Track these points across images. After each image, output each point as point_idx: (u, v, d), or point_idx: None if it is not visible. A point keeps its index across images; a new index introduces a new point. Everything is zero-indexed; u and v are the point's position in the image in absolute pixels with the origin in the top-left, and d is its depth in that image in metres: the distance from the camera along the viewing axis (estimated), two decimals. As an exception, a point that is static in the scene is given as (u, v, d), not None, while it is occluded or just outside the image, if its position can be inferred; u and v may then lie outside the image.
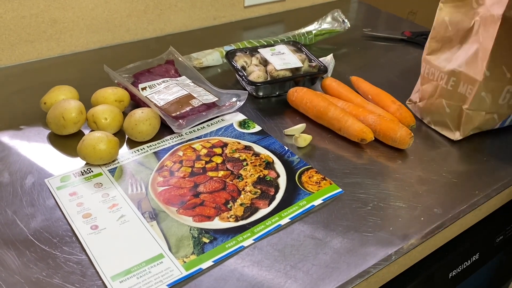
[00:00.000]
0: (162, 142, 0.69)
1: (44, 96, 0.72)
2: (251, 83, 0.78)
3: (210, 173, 0.63)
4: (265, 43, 0.93)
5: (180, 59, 0.83)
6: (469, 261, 0.70)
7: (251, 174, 0.63)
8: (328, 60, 0.87)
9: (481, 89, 0.65)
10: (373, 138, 0.69)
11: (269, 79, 0.80)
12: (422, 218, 0.58)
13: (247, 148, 0.69)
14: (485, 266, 0.74)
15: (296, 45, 0.88)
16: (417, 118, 0.77)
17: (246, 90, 0.81)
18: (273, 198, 0.60)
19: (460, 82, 0.67)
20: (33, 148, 0.67)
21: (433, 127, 0.74)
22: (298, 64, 0.82)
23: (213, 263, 0.51)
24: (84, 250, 0.52)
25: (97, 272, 0.49)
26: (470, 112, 0.68)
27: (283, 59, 0.83)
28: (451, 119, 0.71)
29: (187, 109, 0.72)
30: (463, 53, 0.67)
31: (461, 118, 0.69)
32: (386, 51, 1.01)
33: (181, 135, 0.71)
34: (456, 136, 0.71)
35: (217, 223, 0.56)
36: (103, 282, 0.48)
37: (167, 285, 0.48)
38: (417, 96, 0.76)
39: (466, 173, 0.66)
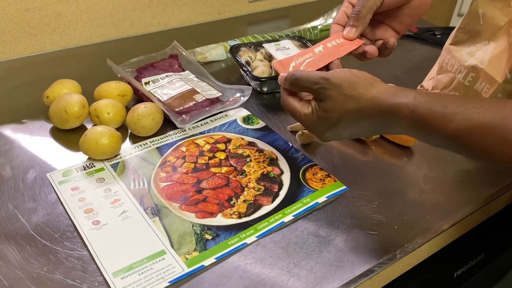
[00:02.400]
0: (165, 137, 0.68)
1: (46, 90, 0.71)
2: (256, 78, 0.77)
3: (213, 169, 0.63)
4: (270, 38, 0.92)
5: (184, 53, 0.82)
6: (474, 260, 0.69)
7: (255, 171, 0.63)
8: (334, 55, 0.86)
9: (499, 91, 0.63)
10: (379, 135, 0.68)
11: (273, 74, 0.79)
12: (427, 217, 0.57)
13: (250, 144, 0.68)
14: (491, 265, 0.73)
15: (302, 40, 0.87)
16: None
17: (250, 85, 0.80)
18: (276, 195, 0.59)
19: (479, 79, 0.65)
20: (35, 142, 0.66)
21: None
22: (303, 59, 0.81)
23: (215, 260, 0.50)
24: (86, 246, 0.51)
25: (98, 268, 0.49)
26: None
27: (288, 54, 0.82)
28: None
29: (191, 104, 0.71)
30: (489, 50, 0.64)
31: None
32: (392, 47, 1.00)
33: (184, 130, 0.70)
34: None
35: (220, 220, 0.55)
36: (104, 278, 0.48)
37: (169, 282, 0.48)
38: (430, 84, 0.75)
39: (473, 171, 0.65)
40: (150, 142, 0.67)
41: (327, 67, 0.58)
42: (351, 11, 0.61)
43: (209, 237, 0.53)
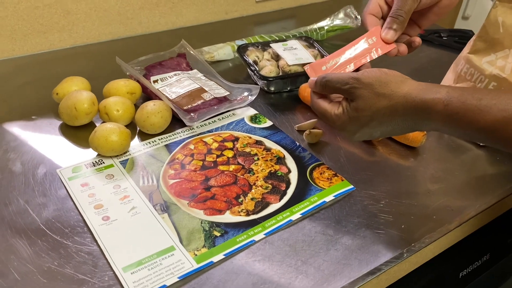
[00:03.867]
0: (173, 135, 0.69)
1: (56, 87, 0.72)
2: (263, 77, 0.78)
3: (221, 167, 0.63)
4: (277, 38, 0.93)
5: (191, 52, 0.83)
6: (480, 261, 0.69)
7: (262, 169, 0.63)
8: (341, 56, 0.86)
9: None
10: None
11: (281, 74, 0.79)
12: (434, 217, 0.57)
13: (258, 142, 0.68)
14: (496, 266, 0.73)
15: (309, 41, 0.88)
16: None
17: (257, 84, 0.81)
18: (284, 193, 0.60)
19: (501, 88, 0.64)
20: (45, 139, 0.67)
21: None
22: (310, 59, 0.81)
23: (224, 256, 0.51)
24: (96, 241, 0.52)
25: (109, 263, 0.49)
26: None
27: (295, 54, 0.82)
28: None
29: (199, 102, 0.72)
30: (510, 58, 0.64)
31: None
32: (399, 48, 1.00)
33: (193, 128, 0.70)
34: None
35: (228, 217, 0.56)
36: (114, 273, 0.48)
37: (178, 278, 0.48)
38: None
39: (480, 172, 0.65)
40: (159, 139, 0.68)
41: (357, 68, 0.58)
42: (383, 3, 0.60)
43: (218, 234, 0.53)
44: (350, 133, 0.53)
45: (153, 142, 0.67)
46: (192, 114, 0.69)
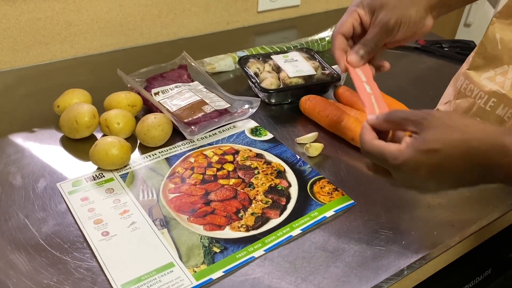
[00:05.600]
0: (173, 148, 0.69)
1: (57, 99, 0.72)
2: (264, 90, 0.78)
3: (221, 181, 0.63)
4: (278, 49, 0.93)
5: (193, 64, 0.83)
6: (481, 276, 0.69)
7: (263, 183, 0.63)
8: (342, 68, 0.86)
9: None
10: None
11: (281, 86, 0.79)
12: (435, 232, 0.57)
13: (258, 156, 0.68)
14: (498, 281, 0.73)
15: (309, 52, 0.88)
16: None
17: (258, 96, 0.81)
18: (284, 208, 0.59)
19: (501, 104, 0.64)
20: (46, 151, 0.67)
21: None
22: (311, 71, 0.81)
23: (223, 273, 0.51)
24: (95, 257, 0.52)
25: (108, 280, 0.49)
26: None
27: (296, 66, 0.82)
28: None
29: (200, 115, 0.72)
30: (509, 75, 0.64)
31: None
32: (400, 59, 1.00)
33: (193, 141, 0.70)
34: None
35: (228, 233, 0.55)
36: (113, 290, 0.48)
37: (177, 295, 0.48)
38: (447, 108, 0.73)
39: (481, 187, 0.65)
40: (159, 152, 0.68)
41: None
42: (358, 24, 0.61)
43: (217, 250, 0.53)
44: (412, 173, 0.47)
45: (153, 155, 0.67)
46: (192, 127, 0.69)
